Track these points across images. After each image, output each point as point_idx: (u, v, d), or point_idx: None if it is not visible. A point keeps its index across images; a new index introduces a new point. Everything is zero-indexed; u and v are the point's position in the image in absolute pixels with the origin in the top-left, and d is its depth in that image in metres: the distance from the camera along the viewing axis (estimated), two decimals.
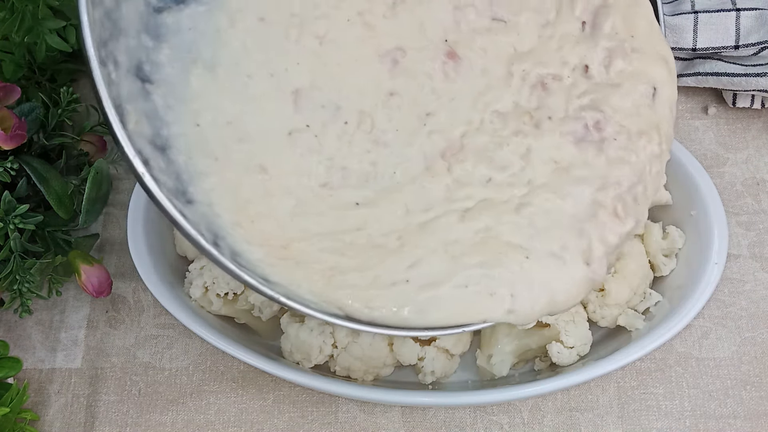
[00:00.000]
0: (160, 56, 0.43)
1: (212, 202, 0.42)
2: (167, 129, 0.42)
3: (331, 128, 0.45)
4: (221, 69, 0.44)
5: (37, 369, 0.57)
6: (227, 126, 0.43)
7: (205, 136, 0.43)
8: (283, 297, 0.40)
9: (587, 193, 0.44)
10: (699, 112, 0.65)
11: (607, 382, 0.55)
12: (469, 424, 0.55)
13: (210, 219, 0.42)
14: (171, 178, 0.41)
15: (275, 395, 0.56)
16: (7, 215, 0.51)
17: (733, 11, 0.60)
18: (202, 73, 0.44)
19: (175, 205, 0.39)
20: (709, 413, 0.54)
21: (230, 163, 0.43)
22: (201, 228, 0.40)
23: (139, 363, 0.57)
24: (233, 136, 0.44)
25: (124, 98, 0.40)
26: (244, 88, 0.44)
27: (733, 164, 0.62)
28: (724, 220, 0.52)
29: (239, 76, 0.44)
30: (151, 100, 0.42)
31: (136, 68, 0.42)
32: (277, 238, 0.43)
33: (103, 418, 0.56)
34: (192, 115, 0.43)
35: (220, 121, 0.44)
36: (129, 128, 0.39)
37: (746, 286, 0.58)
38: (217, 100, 0.44)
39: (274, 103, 0.45)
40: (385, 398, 0.50)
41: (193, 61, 0.44)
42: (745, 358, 0.56)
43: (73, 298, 0.60)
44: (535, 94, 0.46)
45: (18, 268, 0.52)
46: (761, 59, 0.61)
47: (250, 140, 0.44)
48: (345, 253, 0.43)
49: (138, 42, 0.42)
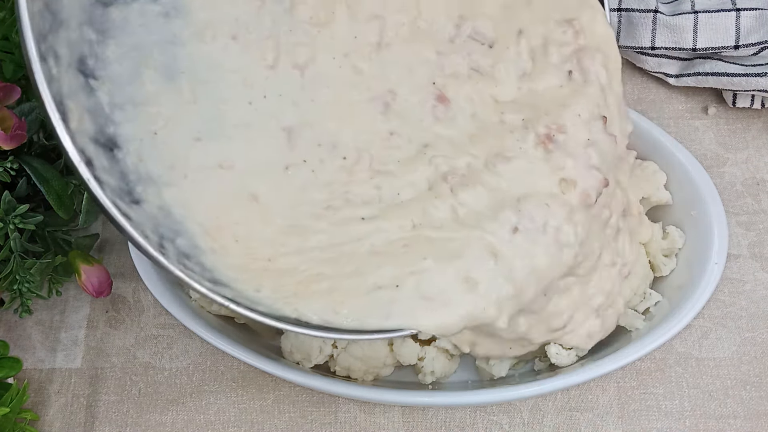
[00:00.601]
0: (106, 52, 0.42)
1: (171, 209, 0.41)
2: (114, 128, 0.41)
3: (329, 164, 0.45)
4: (185, 82, 0.43)
5: (37, 369, 0.57)
6: (197, 143, 0.43)
7: (166, 147, 0.42)
8: (232, 303, 0.40)
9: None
10: (699, 112, 0.65)
11: (607, 382, 0.55)
12: (469, 424, 0.55)
13: (162, 222, 0.41)
14: (115, 178, 0.40)
15: (275, 395, 0.56)
16: (7, 215, 0.51)
17: (733, 11, 0.60)
18: (158, 79, 0.43)
19: (118, 205, 0.38)
20: (709, 413, 0.54)
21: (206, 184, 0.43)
22: (146, 230, 0.40)
23: (139, 363, 0.57)
24: (208, 157, 0.43)
25: (65, 94, 0.38)
26: (219, 113, 0.44)
27: (733, 164, 0.62)
28: (724, 220, 0.52)
29: (209, 95, 0.44)
30: (95, 96, 0.41)
31: (78, 62, 0.40)
32: (262, 254, 0.43)
33: (103, 418, 0.56)
34: (148, 119, 0.42)
35: (186, 135, 0.43)
36: (72, 126, 0.38)
37: (746, 286, 0.58)
38: (180, 113, 0.43)
39: (264, 137, 0.44)
40: (385, 398, 0.50)
41: (144, 62, 0.43)
42: (745, 358, 0.56)
43: (73, 298, 0.60)
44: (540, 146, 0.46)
45: (18, 268, 0.52)
46: (761, 59, 0.61)
47: (235, 168, 0.43)
48: (338, 261, 0.43)
49: (80, 35, 0.41)
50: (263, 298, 0.41)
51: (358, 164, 0.45)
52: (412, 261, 0.42)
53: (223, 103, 0.44)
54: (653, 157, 0.56)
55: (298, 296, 0.41)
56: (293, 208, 0.44)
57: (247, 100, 0.44)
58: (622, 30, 0.63)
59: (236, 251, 0.42)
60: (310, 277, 0.42)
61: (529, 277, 0.43)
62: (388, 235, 0.43)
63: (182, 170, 0.42)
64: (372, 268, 0.42)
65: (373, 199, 0.44)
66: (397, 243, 0.43)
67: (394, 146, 0.46)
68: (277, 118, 0.44)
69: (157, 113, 0.43)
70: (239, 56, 0.44)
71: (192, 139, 0.43)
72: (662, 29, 0.62)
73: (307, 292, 0.42)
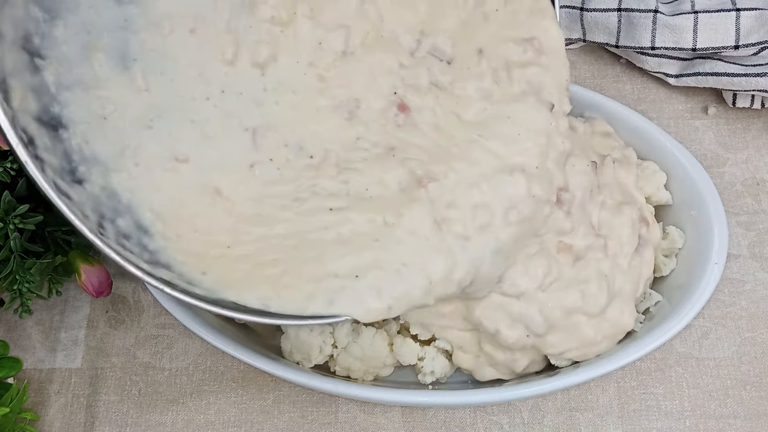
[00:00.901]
0: (54, 32, 0.42)
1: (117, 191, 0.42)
2: (60, 108, 0.42)
3: (296, 162, 0.45)
4: (137, 69, 0.44)
5: (37, 369, 0.57)
6: (148, 131, 0.43)
7: (115, 132, 0.43)
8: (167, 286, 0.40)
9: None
10: (699, 112, 0.65)
11: (607, 382, 0.55)
12: (469, 424, 0.55)
13: (104, 202, 0.42)
14: (57, 157, 0.40)
15: (275, 395, 0.56)
16: (7, 215, 0.51)
17: (733, 11, 0.60)
18: (109, 63, 0.43)
19: (59, 185, 0.38)
20: (709, 413, 0.54)
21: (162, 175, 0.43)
22: (86, 209, 0.40)
23: (139, 363, 0.57)
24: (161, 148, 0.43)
25: (8, 72, 0.39)
26: (174, 105, 0.44)
27: (733, 164, 0.62)
28: (724, 220, 0.52)
29: (163, 86, 0.44)
30: (41, 75, 0.41)
31: (23, 39, 0.40)
32: (222, 241, 0.43)
33: (103, 418, 0.56)
34: (96, 103, 0.43)
35: (137, 123, 0.43)
36: (14, 105, 0.38)
37: (746, 286, 0.58)
38: (132, 100, 0.43)
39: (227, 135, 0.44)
40: (385, 398, 0.50)
41: (93, 45, 0.43)
42: (745, 358, 0.56)
43: (73, 298, 0.60)
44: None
45: (18, 268, 0.52)
46: (761, 59, 0.61)
47: (192, 162, 0.44)
48: (299, 247, 0.43)
49: (26, 12, 0.41)
50: (206, 281, 0.42)
51: (325, 162, 0.45)
52: (381, 257, 0.43)
53: (178, 96, 0.44)
54: (653, 157, 0.56)
55: (245, 280, 0.42)
56: (259, 200, 0.44)
57: (204, 96, 0.45)
58: (622, 30, 0.63)
59: (194, 239, 0.43)
60: (266, 262, 0.42)
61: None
62: (355, 227, 0.44)
63: (132, 158, 0.43)
64: (334, 256, 0.43)
65: (340, 192, 0.45)
66: (366, 236, 0.43)
67: (360, 148, 0.46)
68: (239, 118, 0.45)
69: (106, 97, 0.43)
70: (197, 50, 0.45)
71: (143, 127, 0.43)
72: (662, 29, 0.62)
73: (257, 276, 0.42)
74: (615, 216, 0.51)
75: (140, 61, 0.44)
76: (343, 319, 0.42)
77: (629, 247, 0.51)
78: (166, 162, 0.44)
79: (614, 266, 0.50)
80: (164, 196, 0.43)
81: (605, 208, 0.51)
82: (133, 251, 0.41)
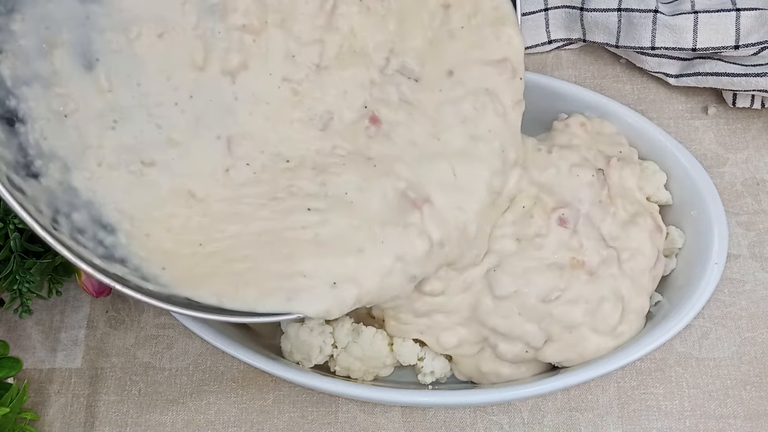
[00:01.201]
0: (11, 25, 0.42)
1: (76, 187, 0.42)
2: (16, 102, 0.41)
3: (272, 167, 0.45)
4: (102, 70, 0.43)
5: (37, 369, 0.57)
6: (111, 132, 0.43)
7: (77, 131, 0.43)
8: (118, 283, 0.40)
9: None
10: (699, 112, 0.65)
11: (607, 382, 0.55)
12: (469, 424, 0.55)
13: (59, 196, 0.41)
14: (11, 151, 0.40)
15: (275, 395, 0.56)
16: (7, 215, 0.51)
17: (733, 11, 0.60)
18: (69, 61, 0.43)
19: (12, 179, 0.38)
20: (709, 413, 0.54)
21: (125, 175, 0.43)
22: (40, 204, 0.40)
23: (139, 363, 0.57)
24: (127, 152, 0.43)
25: None
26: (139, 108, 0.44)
27: (733, 164, 0.62)
28: (724, 220, 0.52)
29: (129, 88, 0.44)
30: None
31: None
32: (195, 239, 0.43)
33: (103, 418, 0.56)
34: (56, 100, 0.42)
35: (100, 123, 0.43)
36: None
37: (746, 286, 0.58)
38: (94, 100, 0.43)
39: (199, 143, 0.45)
40: (385, 398, 0.50)
41: (52, 40, 0.42)
42: (745, 358, 0.56)
43: (73, 298, 0.60)
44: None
45: (18, 268, 0.52)
46: (761, 59, 0.61)
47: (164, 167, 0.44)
48: (274, 244, 0.43)
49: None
50: (165, 276, 0.42)
51: (302, 166, 0.46)
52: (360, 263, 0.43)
53: (144, 99, 0.44)
54: (653, 157, 0.56)
55: (206, 276, 0.42)
56: (236, 200, 0.44)
57: (172, 101, 0.44)
58: (622, 30, 0.63)
59: (166, 238, 0.43)
60: (236, 257, 0.43)
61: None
62: (335, 230, 0.44)
63: (95, 157, 0.43)
64: (307, 256, 0.43)
65: (318, 194, 0.45)
66: (348, 242, 0.43)
67: (337, 155, 0.46)
68: (209, 125, 0.45)
69: (67, 95, 0.43)
70: (165, 55, 0.44)
71: (106, 127, 0.43)
72: (662, 29, 0.62)
73: (223, 271, 0.42)
74: (631, 229, 0.51)
75: (104, 61, 0.43)
76: (294, 316, 0.42)
77: (649, 261, 0.51)
78: (131, 164, 0.44)
79: (633, 286, 0.50)
80: (136, 198, 0.43)
81: (617, 220, 0.51)
82: (87, 246, 0.41)
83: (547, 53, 0.68)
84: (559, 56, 0.67)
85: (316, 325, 0.51)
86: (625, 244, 0.50)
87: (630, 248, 0.50)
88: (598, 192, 0.51)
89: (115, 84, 0.44)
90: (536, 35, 0.66)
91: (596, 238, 0.49)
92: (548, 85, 0.57)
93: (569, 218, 0.49)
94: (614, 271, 0.49)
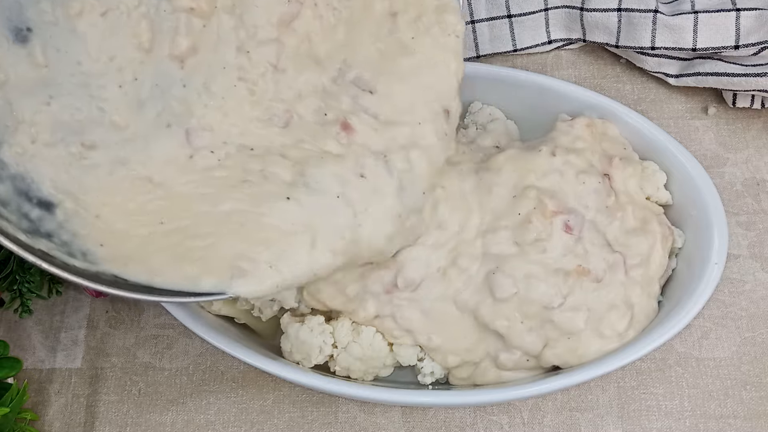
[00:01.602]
0: None
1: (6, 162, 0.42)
2: None
3: (238, 155, 0.45)
4: (37, 43, 0.42)
5: (37, 369, 0.57)
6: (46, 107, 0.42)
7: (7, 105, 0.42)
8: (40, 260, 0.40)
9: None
10: (699, 112, 0.65)
11: (607, 382, 0.55)
12: (469, 424, 0.55)
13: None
14: None
15: (275, 395, 0.56)
16: None
17: (733, 11, 0.60)
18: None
19: None
20: (709, 413, 0.54)
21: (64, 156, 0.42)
22: None
23: (139, 363, 0.57)
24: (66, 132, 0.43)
25: None
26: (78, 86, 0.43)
27: (733, 164, 0.62)
28: (724, 220, 0.52)
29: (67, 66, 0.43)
30: None
31: None
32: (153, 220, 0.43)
33: (103, 418, 0.56)
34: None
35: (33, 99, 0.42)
36: None
37: (746, 286, 0.58)
38: (27, 73, 0.42)
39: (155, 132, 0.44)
40: (385, 398, 0.50)
41: None
42: (745, 358, 0.56)
43: (73, 298, 0.60)
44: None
45: (18, 268, 0.52)
46: (761, 59, 0.61)
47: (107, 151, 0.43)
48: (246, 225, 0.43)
49: None
50: (100, 252, 0.41)
51: (269, 153, 0.45)
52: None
53: (83, 78, 0.43)
54: (653, 157, 0.56)
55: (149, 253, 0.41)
56: (202, 182, 0.44)
57: (116, 83, 0.43)
58: (622, 30, 0.63)
59: (119, 219, 0.42)
60: (198, 235, 0.42)
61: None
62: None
63: (28, 134, 0.42)
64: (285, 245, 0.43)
65: (297, 183, 0.44)
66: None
67: (304, 149, 0.46)
68: (155, 110, 0.44)
69: (3, 77, 0.42)
70: (109, 34, 0.43)
71: (41, 103, 0.42)
72: (662, 29, 0.62)
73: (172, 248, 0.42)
74: (641, 236, 0.51)
75: (39, 33, 0.42)
76: (228, 296, 0.42)
77: (660, 269, 0.51)
78: (71, 146, 0.43)
79: (643, 293, 0.50)
80: (79, 179, 0.42)
81: (625, 226, 0.51)
82: (9, 219, 0.41)
83: (547, 53, 0.68)
84: (559, 56, 0.68)
85: (316, 325, 0.51)
86: (634, 251, 0.50)
87: (640, 254, 0.50)
88: (604, 199, 0.51)
89: (53, 59, 0.42)
90: (536, 35, 0.66)
91: (601, 243, 0.50)
92: (548, 85, 0.57)
93: (575, 225, 0.49)
94: (621, 278, 0.49)
